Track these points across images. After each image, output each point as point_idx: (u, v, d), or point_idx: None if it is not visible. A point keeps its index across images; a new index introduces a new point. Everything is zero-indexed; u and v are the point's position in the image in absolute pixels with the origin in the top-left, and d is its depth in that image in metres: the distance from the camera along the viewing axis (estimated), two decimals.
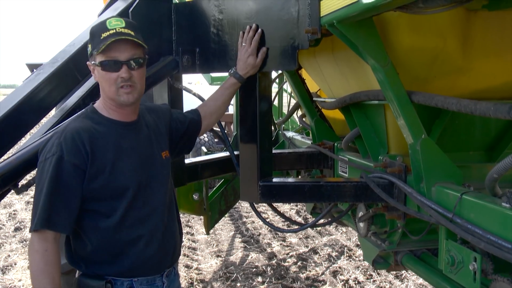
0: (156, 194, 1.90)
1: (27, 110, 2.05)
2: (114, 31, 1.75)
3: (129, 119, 1.89)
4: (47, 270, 1.69)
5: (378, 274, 5.05)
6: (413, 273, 3.90)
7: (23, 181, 2.01)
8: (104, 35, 1.74)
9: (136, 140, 1.89)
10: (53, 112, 2.28)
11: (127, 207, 1.80)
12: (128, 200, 1.80)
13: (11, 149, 2.07)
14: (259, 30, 2.15)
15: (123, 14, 2.38)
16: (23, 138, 2.15)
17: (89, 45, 1.82)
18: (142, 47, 1.82)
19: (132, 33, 1.78)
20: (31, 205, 7.65)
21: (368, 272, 5.10)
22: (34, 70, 2.28)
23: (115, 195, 1.79)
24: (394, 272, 5.00)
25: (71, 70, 2.20)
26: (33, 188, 1.86)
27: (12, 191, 1.98)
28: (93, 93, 2.22)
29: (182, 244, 2.05)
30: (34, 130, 2.23)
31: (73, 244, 1.85)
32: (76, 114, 1.87)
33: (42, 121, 2.23)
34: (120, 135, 1.84)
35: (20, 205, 8.02)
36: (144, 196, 1.85)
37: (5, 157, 1.97)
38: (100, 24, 1.80)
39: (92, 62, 1.80)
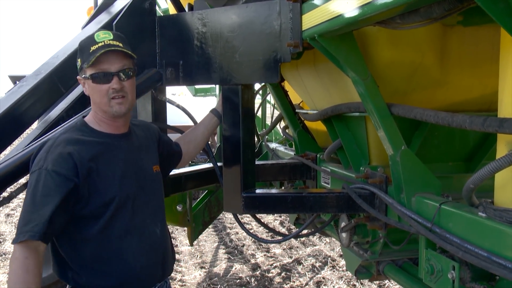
0: (146, 207, 1.90)
1: (10, 123, 2.04)
2: (103, 43, 1.77)
3: (120, 131, 1.90)
4: (25, 278, 1.58)
5: (361, 284, 5.08)
6: (396, 283, 3.93)
7: (4, 194, 2.00)
8: (93, 48, 1.76)
9: (126, 152, 1.89)
10: (35, 124, 2.28)
11: (113, 216, 1.78)
12: (113, 208, 1.78)
13: None
14: None
15: (107, 27, 2.40)
16: (5, 151, 2.14)
17: (79, 60, 1.83)
18: (132, 58, 1.85)
19: (121, 44, 1.81)
20: (11, 218, 7.48)
21: (352, 282, 5.12)
22: (17, 82, 2.28)
23: (101, 202, 1.77)
24: (377, 282, 5.03)
25: (55, 82, 2.21)
26: (13, 200, 1.86)
27: None
28: (77, 106, 2.23)
29: None
30: (16, 142, 2.22)
31: (62, 255, 1.81)
32: (64, 126, 1.87)
33: (24, 133, 2.22)
34: (109, 146, 1.85)
35: (0, 217, 7.87)
36: (133, 207, 1.84)
37: None
38: (88, 38, 1.82)
39: (83, 76, 1.82)
